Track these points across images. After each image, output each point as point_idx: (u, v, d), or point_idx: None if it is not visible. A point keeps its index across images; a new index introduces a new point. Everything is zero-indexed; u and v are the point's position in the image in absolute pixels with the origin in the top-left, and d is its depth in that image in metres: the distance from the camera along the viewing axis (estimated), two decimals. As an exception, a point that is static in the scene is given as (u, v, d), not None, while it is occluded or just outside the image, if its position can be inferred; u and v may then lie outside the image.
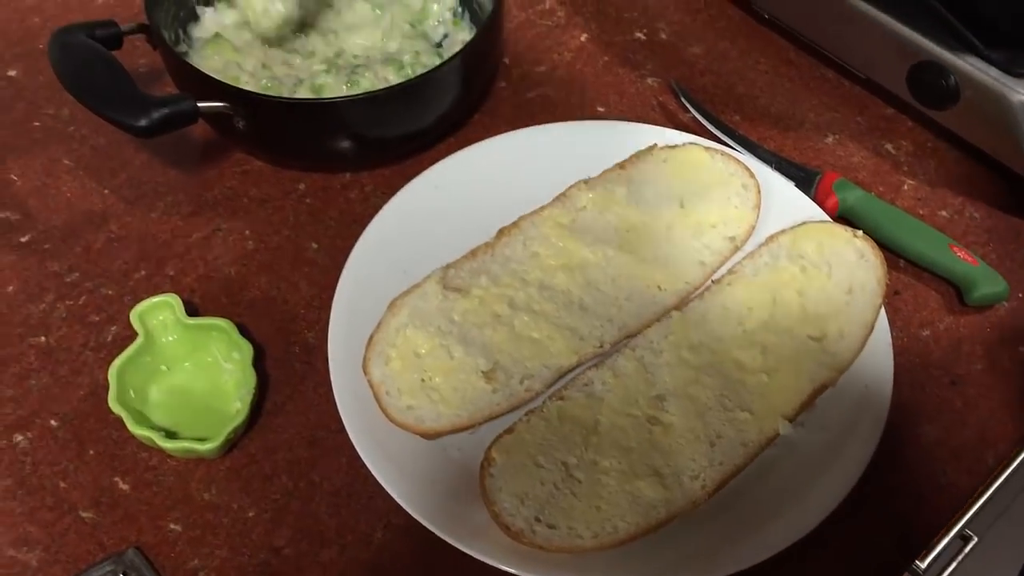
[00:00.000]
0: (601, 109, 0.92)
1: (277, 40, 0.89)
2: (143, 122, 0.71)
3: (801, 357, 0.69)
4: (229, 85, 0.77)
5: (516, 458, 0.64)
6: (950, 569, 0.60)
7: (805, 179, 0.83)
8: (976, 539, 0.61)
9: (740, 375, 0.68)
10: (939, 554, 0.61)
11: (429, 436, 0.66)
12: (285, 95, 0.83)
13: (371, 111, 0.79)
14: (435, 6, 0.92)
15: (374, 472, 0.65)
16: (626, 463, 0.65)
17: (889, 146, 0.89)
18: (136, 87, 0.73)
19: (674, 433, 0.66)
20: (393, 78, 0.85)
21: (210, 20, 0.90)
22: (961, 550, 0.61)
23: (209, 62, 0.86)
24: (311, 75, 0.86)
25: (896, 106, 0.91)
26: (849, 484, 0.64)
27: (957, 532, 0.61)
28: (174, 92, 0.82)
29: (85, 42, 0.76)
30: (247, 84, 0.84)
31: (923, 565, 0.61)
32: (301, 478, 0.69)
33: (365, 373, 0.67)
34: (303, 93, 0.84)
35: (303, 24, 0.90)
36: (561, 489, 0.63)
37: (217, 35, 0.87)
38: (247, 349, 0.71)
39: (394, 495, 0.64)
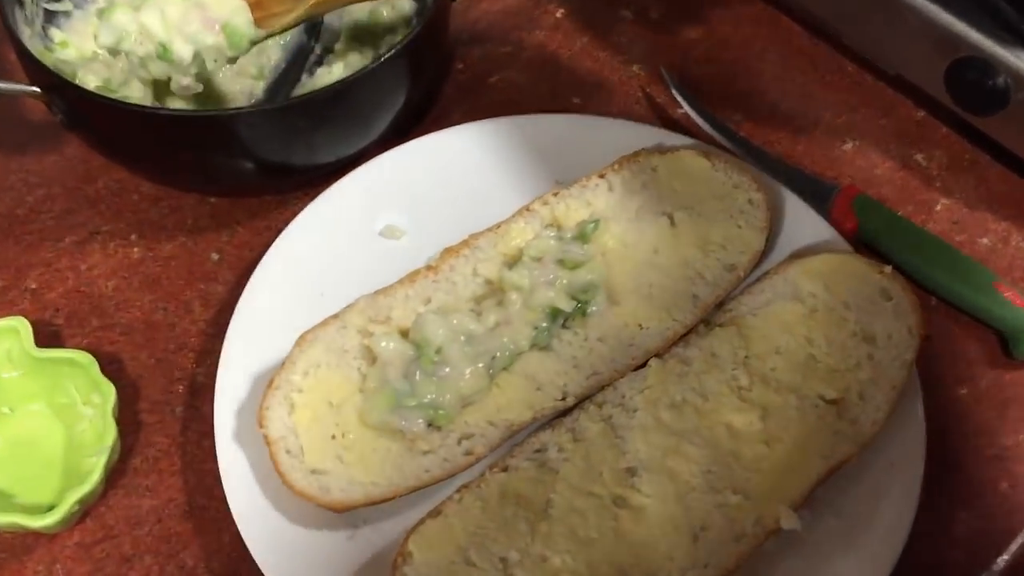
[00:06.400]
0: (576, 100, 0.86)
1: None
2: None
3: (811, 424, 0.62)
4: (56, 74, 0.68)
5: (440, 552, 0.57)
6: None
7: (818, 194, 0.77)
8: None
9: (733, 445, 0.62)
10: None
11: (336, 509, 0.59)
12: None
13: (279, 127, 0.70)
14: None
15: (258, 561, 0.58)
16: (583, 560, 0.57)
17: (919, 157, 0.83)
18: None
19: (647, 521, 0.59)
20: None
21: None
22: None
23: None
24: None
25: (929, 109, 0.85)
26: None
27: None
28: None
29: None
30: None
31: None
32: (170, 560, 0.61)
33: (260, 425, 0.60)
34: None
35: None
36: (496, 595, 0.56)
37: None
38: (108, 392, 0.63)
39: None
